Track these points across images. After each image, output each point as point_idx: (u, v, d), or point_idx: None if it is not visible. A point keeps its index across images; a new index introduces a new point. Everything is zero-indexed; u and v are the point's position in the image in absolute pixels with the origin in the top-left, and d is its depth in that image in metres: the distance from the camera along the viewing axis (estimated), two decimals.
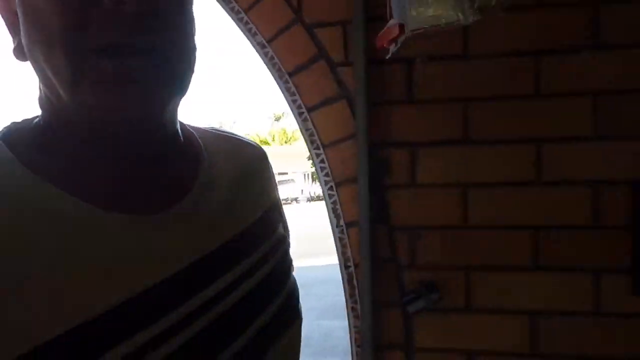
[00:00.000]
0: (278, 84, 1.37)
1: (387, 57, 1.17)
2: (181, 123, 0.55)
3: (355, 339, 1.35)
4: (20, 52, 0.46)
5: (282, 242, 0.61)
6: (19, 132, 0.48)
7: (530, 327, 1.26)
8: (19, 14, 0.44)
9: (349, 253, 1.34)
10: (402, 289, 1.31)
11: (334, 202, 1.35)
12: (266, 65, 1.38)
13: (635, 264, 1.20)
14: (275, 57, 1.36)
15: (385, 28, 1.14)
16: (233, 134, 0.64)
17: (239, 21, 1.38)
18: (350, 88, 1.31)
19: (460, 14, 1.21)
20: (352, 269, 1.34)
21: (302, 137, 1.41)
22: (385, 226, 1.31)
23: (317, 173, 1.36)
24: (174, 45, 0.45)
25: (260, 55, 1.38)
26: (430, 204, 1.29)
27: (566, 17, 1.21)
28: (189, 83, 0.48)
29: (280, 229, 0.62)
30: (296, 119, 1.36)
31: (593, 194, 1.22)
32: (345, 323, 1.42)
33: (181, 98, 0.48)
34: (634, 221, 1.19)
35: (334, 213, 1.35)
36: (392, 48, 1.15)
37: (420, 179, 1.30)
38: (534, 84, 1.23)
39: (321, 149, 1.35)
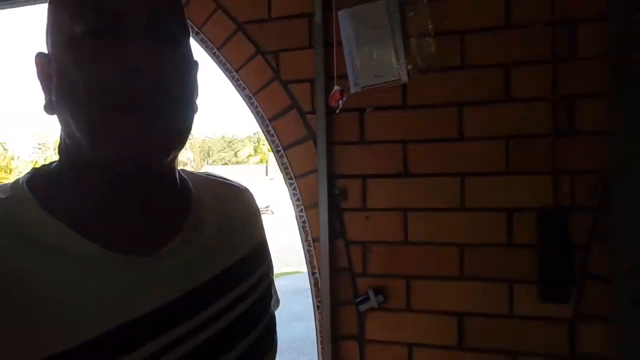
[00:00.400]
0: (261, 127, 1.73)
1: (337, 112, 1.51)
2: (177, 170, 0.62)
3: (320, 331, 1.68)
4: (49, 107, 0.53)
5: (264, 278, 0.66)
6: (40, 177, 0.54)
7: (458, 325, 1.55)
8: (53, 76, 0.52)
9: (315, 262, 1.68)
10: (355, 292, 1.63)
11: (303, 222, 1.69)
12: (252, 112, 1.74)
13: (540, 276, 1.46)
14: (259, 107, 1.72)
15: (332, 92, 1.48)
16: (224, 178, 0.72)
17: (231, 78, 1.75)
18: (316, 131, 1.65)
19: (400, 74, 1.55)
20: (317, 275, 1.68)
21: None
22: (343, 241, 1.64)
23: (291, 198, 1.71)
24: (178, 106, 0.52)
25: (247, 104, 1.74)
26: (378, 224, 1.61)
27: (483, 75, 1.50)
28: (187, 138, 0.55)
29: (265, 266, 0.68)
30: (274, 155, 1.72)
31: (507, 218, 1.50)
32: None
33: (180, 149, 0.55)
34: (538, 241, 1.47)
35: (303, 230, 1.69)
36: (340, 105, 1.49)
37: (369, 204, 1.62)
38: (459, 129, 1.53)
39: (294, 179, 1.70)
